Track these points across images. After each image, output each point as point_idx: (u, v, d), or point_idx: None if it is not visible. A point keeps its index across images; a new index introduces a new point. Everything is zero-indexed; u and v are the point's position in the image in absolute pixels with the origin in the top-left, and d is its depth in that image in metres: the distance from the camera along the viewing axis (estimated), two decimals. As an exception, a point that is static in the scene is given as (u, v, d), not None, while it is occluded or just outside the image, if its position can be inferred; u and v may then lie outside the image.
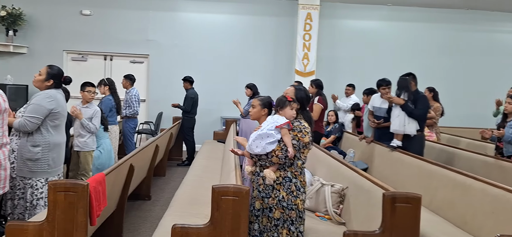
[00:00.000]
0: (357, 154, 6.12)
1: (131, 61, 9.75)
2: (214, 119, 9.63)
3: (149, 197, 5.57)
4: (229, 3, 9.70)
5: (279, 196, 2.81)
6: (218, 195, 2.48)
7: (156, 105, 9.47)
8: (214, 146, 7.42)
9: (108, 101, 6.05)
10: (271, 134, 2.81)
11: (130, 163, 4.16)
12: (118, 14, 9.52)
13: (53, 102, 3.43)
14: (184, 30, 9.65)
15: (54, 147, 3.50)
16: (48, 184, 2.41)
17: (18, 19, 8.99)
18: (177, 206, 3.76)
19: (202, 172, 5.19)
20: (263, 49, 9.78)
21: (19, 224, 2.40)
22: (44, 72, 3.52)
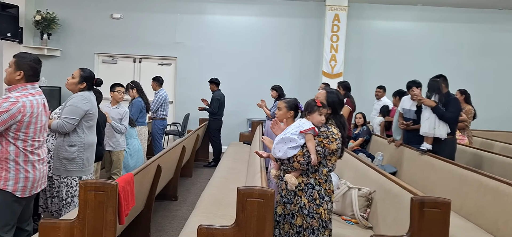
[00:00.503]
0: (386, 157, 6.02)
1: (159, 63, 9.92)
2: (240, 120, 9.67)
3: (176, 198, 5.65)
4: (256, 5, 9.73)
5: (301, 203, 2.73)
6: (243, 197, 2.48)
7: (183, 106, 9.60)
8: (240, 148, 7.45)
9: (138, 103, 6.18)
10: (294, 138, 2.73)
11: (158, 163, 4.23)
12: (147, 18, 9.70)
13: (88, 104, 3.55)
14: (211, 33, 9.74)
15: (88, 147, 3.62)
16: (79, 183, 2.48)
17: (52, 23, 9.29)
18: (203, 207, 3.79)
19: (228, 174, 5.22)
20: (289, 51, 9.76)
21: (51, 222, 2.47)
22: (77, 75, 3.61)
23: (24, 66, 2.80)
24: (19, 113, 2.66)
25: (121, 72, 9.68)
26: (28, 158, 2.77)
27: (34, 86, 2.87)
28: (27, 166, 2.77)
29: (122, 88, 5.33)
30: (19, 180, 2.73)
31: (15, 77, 2.79)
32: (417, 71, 7.47)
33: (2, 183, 2.69)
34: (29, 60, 2.84)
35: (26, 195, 2.79)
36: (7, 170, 2.70)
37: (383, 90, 7.59)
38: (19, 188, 2.74)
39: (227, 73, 9.40)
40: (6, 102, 2.63)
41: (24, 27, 9.10)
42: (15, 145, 2.70)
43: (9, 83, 2.82)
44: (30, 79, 2.84)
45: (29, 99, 2.75)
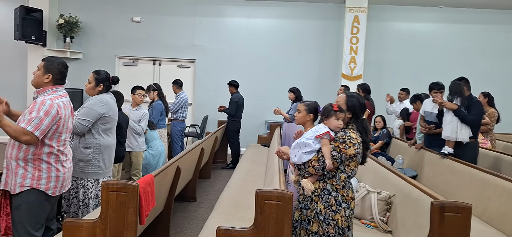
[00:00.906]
0: (406, 160, 5.94)
1: (178, 65, 10.03)
2: (259, 123, 9.69)
3: (194, 199, 5.70)
4: (275, 8, 9.75)
5: (317, 209, 2.67)
6: (262, 199, 2.49)
7: (201, 108, 9.68)
8: (258, 150, 7.47)
9: (158, 105, 6.26)
10: (309, 143, 2.69)
11: (177, 165, 4.27)
12: (167, 21, 9.83)
13: (104, 107, 3.56)
14: (229, 35, 9.81)
15: (105, 149, 3.60)
16: (102, 184, 2.53)
17: (75, 26, 9.50)
18: (222, 208, 3.82)
19: (246, 176, 5.24)
20: (308, 53, 9.74)
21: (75, 221, 2.54)
22: (92, 79, 3.65)
23: (53, 70, 2.88)
24: (57, 115, 2.75)
25: (141, 75, 9.83)
26: (59, 158, 2.85)
27: (61, 89, 2.96)
28: (58, 166, 2.85)
29: (142, 91, 5.42)
30: (51, 179, 2.81)
31: (43, 80, 2.87)
32: (438, 73, 7.35)
33: (35, 182, 2.76)
34: (58, 64, 2.92)
35: (56, 194, 2.88)
36: (39, 170, 2.77)
37: (406, 93, 7.47)
38: (51, 187, 2.82)
39: (245, 75, 9.44)
40: (44, 106, 2.70)
41: (47, 30, 9.32)
42: (49, 145, 2.78)
43: (37, 86, 2.89)
44: (58, 82, 2.92)
45: (62, 101, 2.85)
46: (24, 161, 2.75)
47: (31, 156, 2.75)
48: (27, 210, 2.76)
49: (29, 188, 2.75)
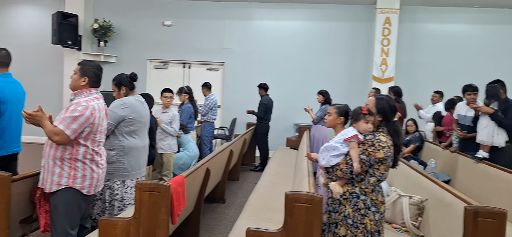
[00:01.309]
0: (439, 165, 5.80)
1: (207, 68, 10.15)
2: (288, 125, 9.68)
3: (223, 200, 5.75)
4: (304, 10, 9.73)
5: (345, 212, 2.65)
6: (291, 201, 2.49)
7: (230, 111, 9.75)
8: (287, 153, 7.46)
9: (188, 108, 6.36)
10: (337, 147, 2.68)
11: (207, 166, 4.33)
12: (196, 24, 9.97)
13: (126, 109, 3.55)
14: (258, 38, 9.85)
15: (130, 151, 3.58)
16: (136, 184, 2.60)
17: (108, 31, 9.78)
18: (251, 210, 3.84)
19: (275, 178, 5.25)
20: (338, 55, 9.66)
21: (110, 220, 2.62)
22: (114, 87, 3.72)
23: (88, 73, 2.98)
24: (92, 116, 2.85)
25: (171, 77, 10.01)
26: (93, 158, 2.94)
27: (97, 91, 3.06)
28: (93, 165, 2.94)
29: (170, 93, 5.51)
30: (86, 179, 2.90)
31: (80, 83, 2.97)
32: (472, 76, 7.13)
33: (71, 181, 2.85)
34: (93, 67, 3.02)
35: (91, 193, 2.97)
36: (75, 169, 2.87)
37: (440, 95, 7.29)
38: (85, 186, 2.90)
39: (274, 78, 9.45)
40: (79, 107, 2.80)
41: (83, 35, 9.63)
42: (85, 146, 2.88)
43: (74, 89, 2.99)
44: (93, 84, 3.02)
45: (97, 103, 2.94)
46: (61, 161, 2.85)
47: (68, 156, 2.85)
48: (63, 208, 2.86)
49: (65, 186, 2.85)
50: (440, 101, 7.16)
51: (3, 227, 2.75)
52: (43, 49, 9.93)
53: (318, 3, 9.62)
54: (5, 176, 2.75)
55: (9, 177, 2.77)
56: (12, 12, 10.26)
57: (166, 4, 9.99)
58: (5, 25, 10.20)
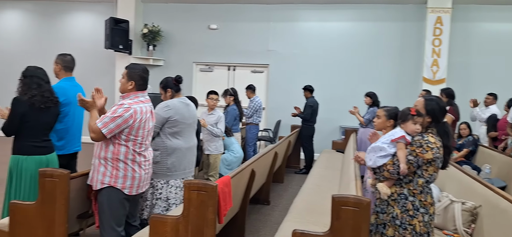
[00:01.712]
0: (494, 170, 5.51)
1: (252, 70, 10.22)
2: (333, 128, 9.55)
3: (268, 202, 5.76)
4: (351, 11, 9.57)
5: (393, 213, 2.63)
6: (338, 204, 2.46)
7: (275, 113, 9.76)
8: (333, 156, 7.36)
9: (233, 110, 6.44)
10: (384, 147, 2.67)
11: (252, 168, 4.36)
12: (241, 27, 10.07)
13: (170, 111, 3.65)
14: (303, 39, 9.80)
15: (173, 152, 3.65)
16: (184, 183, 2.67)
17: (157, 35, 10.10)
18: (296, 212, 3.82)
19: (320, 181, 5.19)
20: (386, 56, 9.41)
21: (160, 217, 2.70)
22: (161, 90, 3.86)
23: (134, 77, 3.07)
24: (131, 118, 2.92)
25: (216, 80, 10.16)
26: (135, 159, 3.01)
27: (143, 94, 3.14)
28: (134, 166, 3.01)
29: (215, 95, 5.58)
30: (127, 179, 2.98)
31: (127, 86, 3.07)
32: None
33: (113, 181, 2.96)
34: (139, 70, 3.11)
35: (133, 193, 3.04)
36: (117, 169, 2.96)
37: (494, 98, 6.92)
38: (127, 186, 2.99)
39: (320, 79, 9.36)
40: (120, 109, 2.91)
41: (133, 39, 10.00)
42: (126, 146, 2.96)
43: (123, 92, 3.11)
44: (140, 88, 3.11)
45: (140, 106, 3.02)
46: (105, 160, 2.96)
47: (110, 156, 2.95)
48: (107, 206, 2.97)
49: (107, 185, 2.95)
50: (494, 104, 6.81)
51: (62, 221, 2.90)
52: (96, 54, 10.40)
53: (366, 3, 9.43)
54: (64, 173, 2.90)
55: (68, 174, 2.92)
56: (70, 19, 10.84)
57: (212, 8, 10.17)
58: (64, 32, 10.80)
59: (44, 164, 3.43)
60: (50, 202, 2.91)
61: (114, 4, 10.25)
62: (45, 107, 3.41)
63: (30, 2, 10.96)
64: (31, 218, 2.95)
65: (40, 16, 10.96)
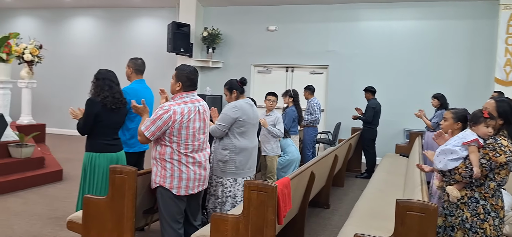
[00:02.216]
0: None
1: (311, 72, 10.13)
2: (397, 131, 9.21)
3: (328, 206, 5.67)
4: (416, 9, 9.18)
5: (463, 216, 2.60)
6: (403, 209, 2.39)
7: (334, 115, 9.60)
8: (396, 160, 7.10)
9: (291, 112, 6.42)
10: (456, 150, 2.61)
11: (311, 170, 4.31)
12: (300, 28, 10.02)
13: (238, 112, 3.77)
14: (365, 39, 9.55)
15: (241, 151, 3.80)
16: (244, 183, 2.70)
17: (216, 38, 10.33)
18: (357, 216, 3.73)
19: (383, 186, 5.03)
20: (454, 56, 8.92)
21: (221, 216, 2.76)
22: (226, 91, 3.96)
23: (181, 78, 3.14)
24: (170, 119, 2.98)
25: (274, 81, 10.20)
26: (181, 159, 3.06)
27: (190, 95, 3.16)
28: (181, 167, 3.06)
29: (273, 96, 5.60)
30: (174, 179, 3.05)
31: (176, 88, 3.15)
32: None
33: (161, 180, 3.07)
34: (186, 71, 3.16)
35: (181, 193, 3.08)
36: (164, 169, 3.05)
37: None
38: (174, 186, 3.05)
39: (382, 81, 9.09)
40: (160, 111, 3.00)
41: (194, 42, 10.31)
42: (170, 147, 3.04)
43: (172, 93, 3.21)
44: (187, 88, 3.15)
45: (181, 107, 3.05)
46: (155, 160, 3.10)
47: (158, 156, 3.07)
48: (161, 204, 3.09)
49: (158, 185, 3.07)
50: None
51: (130, 215, 3.06)
52: (159, 57, 10.85)
53: (432, 1, 9.01)
54: (132, 170, 3.06)
55: (136, 171, 3.07)
56: (135, 24, 11.42)
57: (270, 10, 10.22)
58: (130, 36, 11.40)
59: (114, 161, 3.65)
60: (119, 197, 3.08)
61: (176, 9, 10.64)
62: (115, 107, 3.62)
63: (100, 9, 11.67)
64: (102, 212, 3.14)
65: (109, 22, 11.64)
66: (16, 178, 5.80)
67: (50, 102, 11.86)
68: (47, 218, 4.68)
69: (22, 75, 8.53)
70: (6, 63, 7.26)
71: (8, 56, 7.23)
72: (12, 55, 7.42)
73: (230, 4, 10.46)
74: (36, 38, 8.71)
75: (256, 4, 10.26)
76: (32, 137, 6.72)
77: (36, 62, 8.44)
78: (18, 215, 4.72)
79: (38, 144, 7.21)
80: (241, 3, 10.33)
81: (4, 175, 5.75)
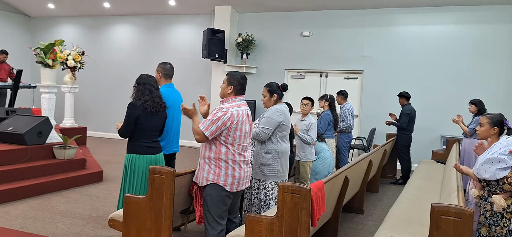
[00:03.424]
0: None
1: (345, 77, 10.06)
2: (433, 137, 9.00)
3: (362, 211, 5.63)
4: (454, 13, 8.96)
5: (510, 226, 2.53)
6: (438, 214, 2.36)
7: (369, 120, 9.50)
8: (432, 166, 6.95)
9: (327, 116, 6.42)
10: (504, 159, 2.54)
11: (345, 175, 4.31)
12: (334, 33, 9.98)
13: (281, 116, 3.92)
14: (400, 44, 9.41)
15: (282, 154, 3.96)
16: (278, 185, 2.76)
17: (251, 44, 10.46)
18: (392, 222, 3.70)
19: (419, 192, 4.95)
20: (494, 61, 8.64)
21: (256, 216, 2.82)
22: (266, 92, 4.05)
23: (233, 82, 3.30)
24: (229, 121, 3.14)
25: (308, 87, 10.21)
26: (235, 158, 3.22)
27: (240, 99, 3.35)
28: (235, 165, 3.22)
29: (307, 101, 5.62)
30: (228, 177, 3.20)
31: (227, 91, 3.32)
32: None
33: (216, 178, 3.19)
34: (238, 77, 3.33)
35: (233, 190, 3.25)
36: (219, 168, 3.19)
37: None
38: (228, 183, 3.20)
39: (418, 86, 8.93)
40: (219, 112, 3.14)
41: (228, 48, 10.47)
42: (226, 147, 3.19)
43: (223, 97, 3.36)
44: (238, 92, 3.33)
45: (236, 109, 3.23)
46: (209, 159, 3.21)
47: (213, 155, 3.19)
48: (211, 201, 3.20)
49: (211, 182, 3.19)
50: None
51: (168, 215, 3.18)
52: (195, 63, 11.10)
53: (470, 5, 8.78)
54: (171, 171, 3.18)
55: (174, 172, 3.19)
56: (172, 31, 11.72)
57: (304, 16, 10.24)
58: (167, 43, 11.71)
59: (153, 162, 3.81)
60: (158, 197, 3.20)
61: (211, 15, 10.86)
62: (155, 111, 3.78)
63: (138, 17, 12.07)
64: (141, 210, 3.27)
65: (147, 29, 12.00)
66: (60, 178, 6.08)
67: (91, 106, 12.35)
68: (88, 216, 4.89)
69: (65, 80, 8.97)
70: (51, 68, 7.64)
71: (54, 62, 7.61)
72: (57, 61, 7.80)
73: (264, 10, 10.56)
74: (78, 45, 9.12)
75: (290, 10, 10.31)
76: (74, 139, 7.04)
77: (79, 68, 8.85)
78: (61, 214, 4.95)
79: (80, 146, 7.54)
80: (275, 9, 10.42)
81: (48, 175, 6.05)
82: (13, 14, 12.80)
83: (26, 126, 6.22)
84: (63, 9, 12.43)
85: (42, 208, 5.13)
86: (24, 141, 6.08)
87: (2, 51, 9.40)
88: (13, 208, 5.06)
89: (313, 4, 9.86)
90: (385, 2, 9.29)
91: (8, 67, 9.48)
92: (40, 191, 5.72)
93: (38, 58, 7.46)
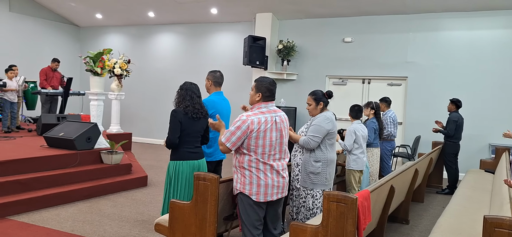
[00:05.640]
0: None
1: (388, 83, 9.84)
2: (481, 146, 8.62)
3: (407, 221, 5.47)
4: (504, 17, 8.57)
5: None
6: (491, 226, 2.26)
7: (413, 128, 9.23)
8: (481, 176, 6.65)
9: (372, 123, 6.29)
10: None
11: (391, 184, 4.22)
12: (377, 39, 9.80)
13: (330, 123, 3.90)
14: (447, 50, 9.10)
15: (330, 163, 3.94)
16: (323, 194, 2.73)
17: (291, 50, 10.45)
18: (439, 233, 3.57)
19: (467, 202, 4.75)
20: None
21: (300, 225, 2.80)
22: (311, 101, 4.04)
23: (261, 89, 3.24)
24: (248, 129, 3.09)
25: (350, 93, 10.07)
26: (259, 166, 3.15)
27: (267, 105, 3.24)
28: (259, 174, 3.15)
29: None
30: (253, 185, 3.14)
31: (255, 98, 3.26)
32: None
33: (241, 187, 3.18)
34: (266, 83, 3.26)
35: (260, 200, 3.15)
36: (244, 176, 3.17)
37: None
38: (253, 192, 3.14)
39: (465, 93, 8.59)
40: (238, 122, 3.12)
41: (269, 55, 10.52)
42: (248, 155, 3.15)
43: (251, 104, 3.33)
44: (266, 99, 3.25)
45: (258, 117, 3.15)
46: (236, 168, 3.22)
47: (238, 164, 3.19)
48: (241, 210, 3.20)
49: (239, 191, 3.19)
50: None
51: (212, 221, 3.22)
52: (236, 69, 11.22)
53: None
54: (215, 177, 3.22)
55: (218, 178, 3.23)
56: (214, 39, 11.93)
57: (346, 22, 10.13)
58: (208, 50, 11.93)
59: (196, 168, 3.88)
60: (203, 203, 3.25)
61: (252, 23, 10.96)
62: (196, 117, 3.85)
63: (180, 25, 12.37)
64: (186, 216, 3.34)
65: (189, 37, 12.28)
66: (107, 182, 6.32)
67: (136, 113, 12.76)
68: (134, 220, 5.05)
69: (112, 87, 9.32)
70: (100, 76, 7.96)
71: (102, 70, 7.93)
72: (105, 70, 8.12)
73: (305, 17, 10.54)
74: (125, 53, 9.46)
75: (332, 16, 10.23)
76: (121, 145, 7.29)
77: (125, 76, 9.17)
78: (108, 217, 5.14)
79: (125, 152, 7.80)
80: (317, 15, 10.36)
81: (96, 180, 6.30)
82: (63, 24, 13.47)
83: (76, 132, 6.51)
84: (110, 19, 12.95)
85: (91, 211, 5.34)
86: (74, 146, 6.36)
87: (54, 60, 9.90)
88: (64, 211, 5.30)
89: (355, 10, 9.73)
90: (430, 7, 9.01)
91: (59, 75, 9.97)
92: (89, 194, 5.96)
93: (88, 66, 7.79)
